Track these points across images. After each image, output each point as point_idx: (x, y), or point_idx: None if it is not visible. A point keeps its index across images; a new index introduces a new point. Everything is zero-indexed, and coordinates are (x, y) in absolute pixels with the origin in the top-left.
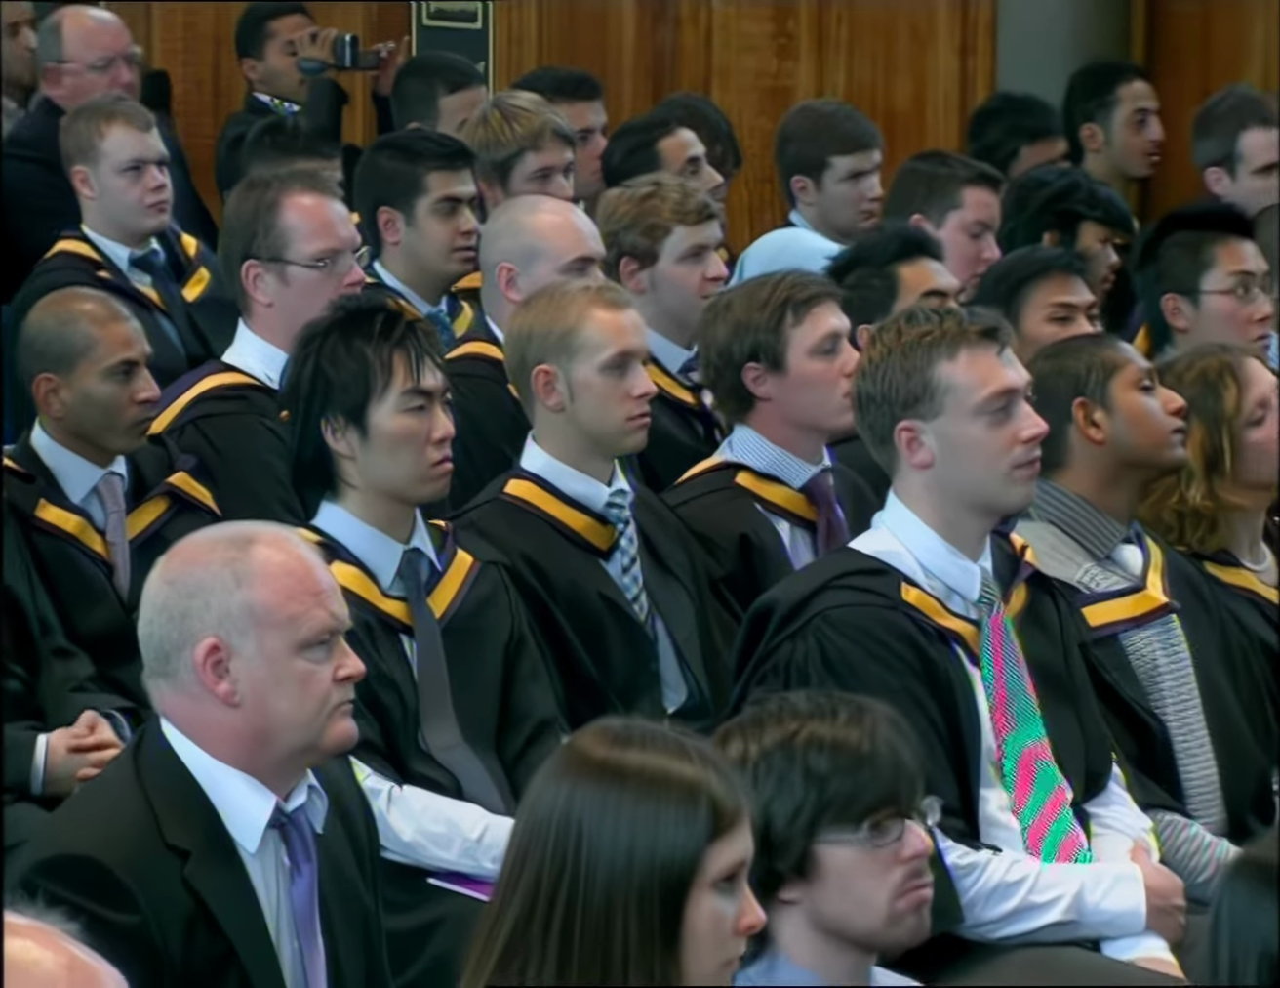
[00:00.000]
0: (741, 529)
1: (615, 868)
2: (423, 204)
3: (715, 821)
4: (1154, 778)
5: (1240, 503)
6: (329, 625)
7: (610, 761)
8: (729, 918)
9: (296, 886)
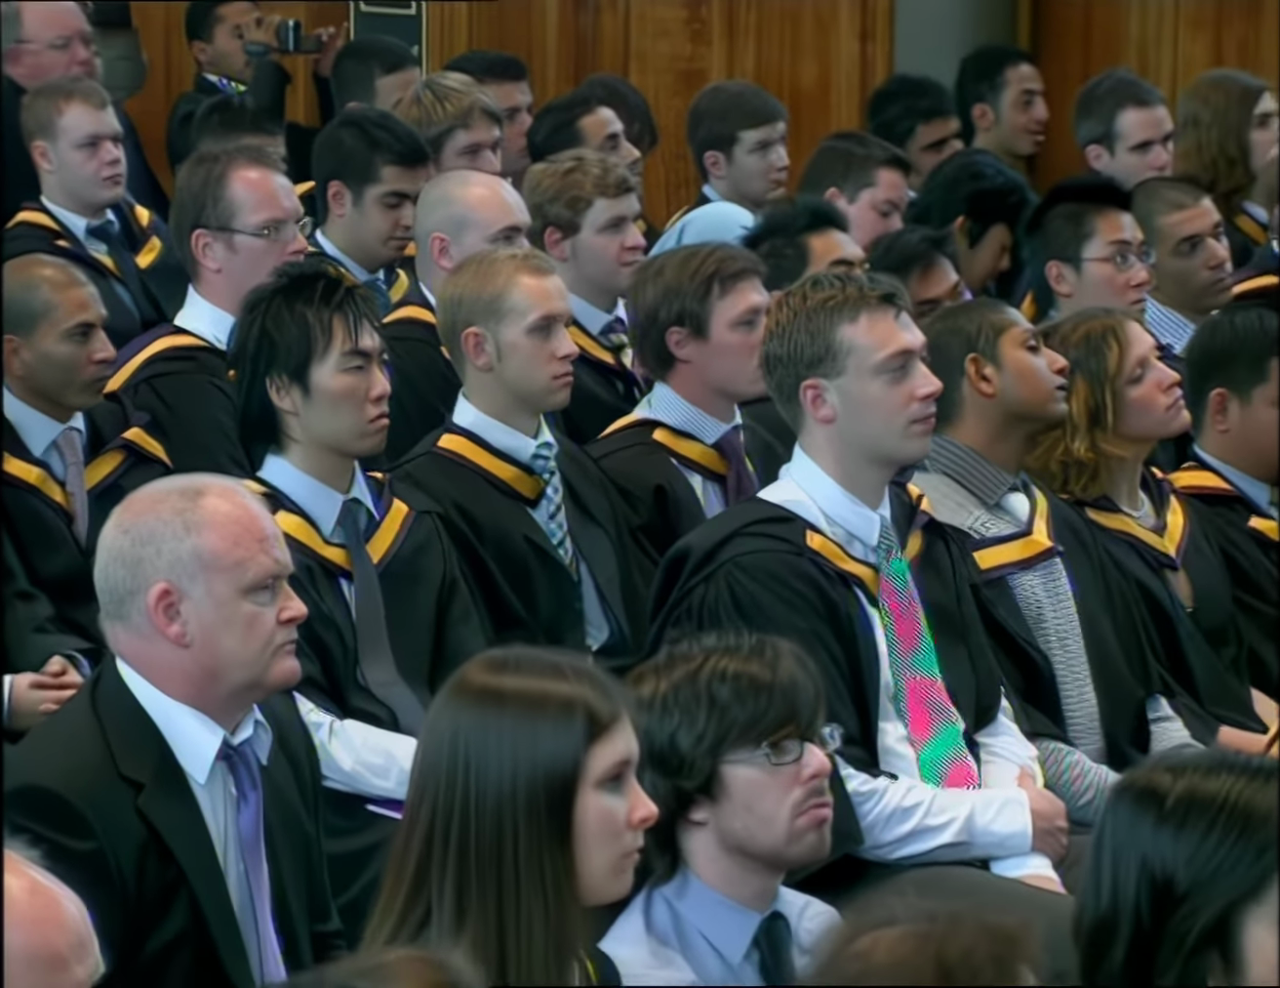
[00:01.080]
0: (658, 481)
1: (502, 782)
2: (372, 192)
3: (592, 725)
4: (1039, 709)
5: (1120, 454)
6: (273, 570)
7: (489, 686)
8: (619, 814)
9: (243, 814)
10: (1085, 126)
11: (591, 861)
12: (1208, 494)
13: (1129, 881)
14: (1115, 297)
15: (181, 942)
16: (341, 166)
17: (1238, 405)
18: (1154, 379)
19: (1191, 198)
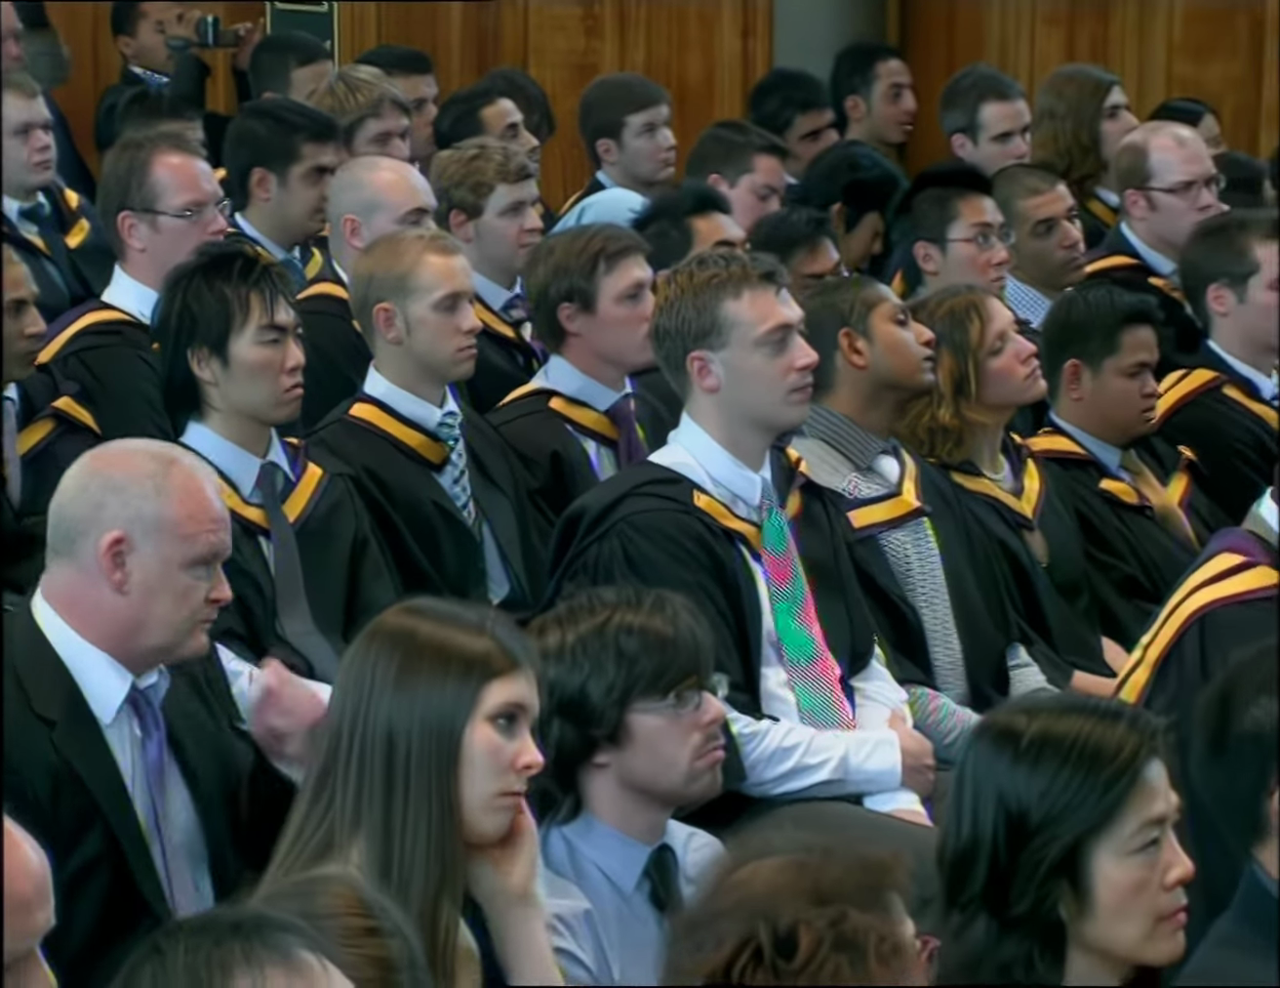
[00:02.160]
0: (554, 446)
1: (400, 713)
2: (296, 170)
3: (491, 664)
4: (908, 657)
5: (983, 421)
6: (216, 550)
7: (402, 629)
8: (506, 751)
9: (148, 750)
10: (950, 117)
11: (473, 788)
12: (1062, 458)
13: (987, 814)
14: (978, 275)
15: (96, 865)
16: (261, 154)
17: (1090, 375)
18: (1013, 351)
19: (1047, 183)
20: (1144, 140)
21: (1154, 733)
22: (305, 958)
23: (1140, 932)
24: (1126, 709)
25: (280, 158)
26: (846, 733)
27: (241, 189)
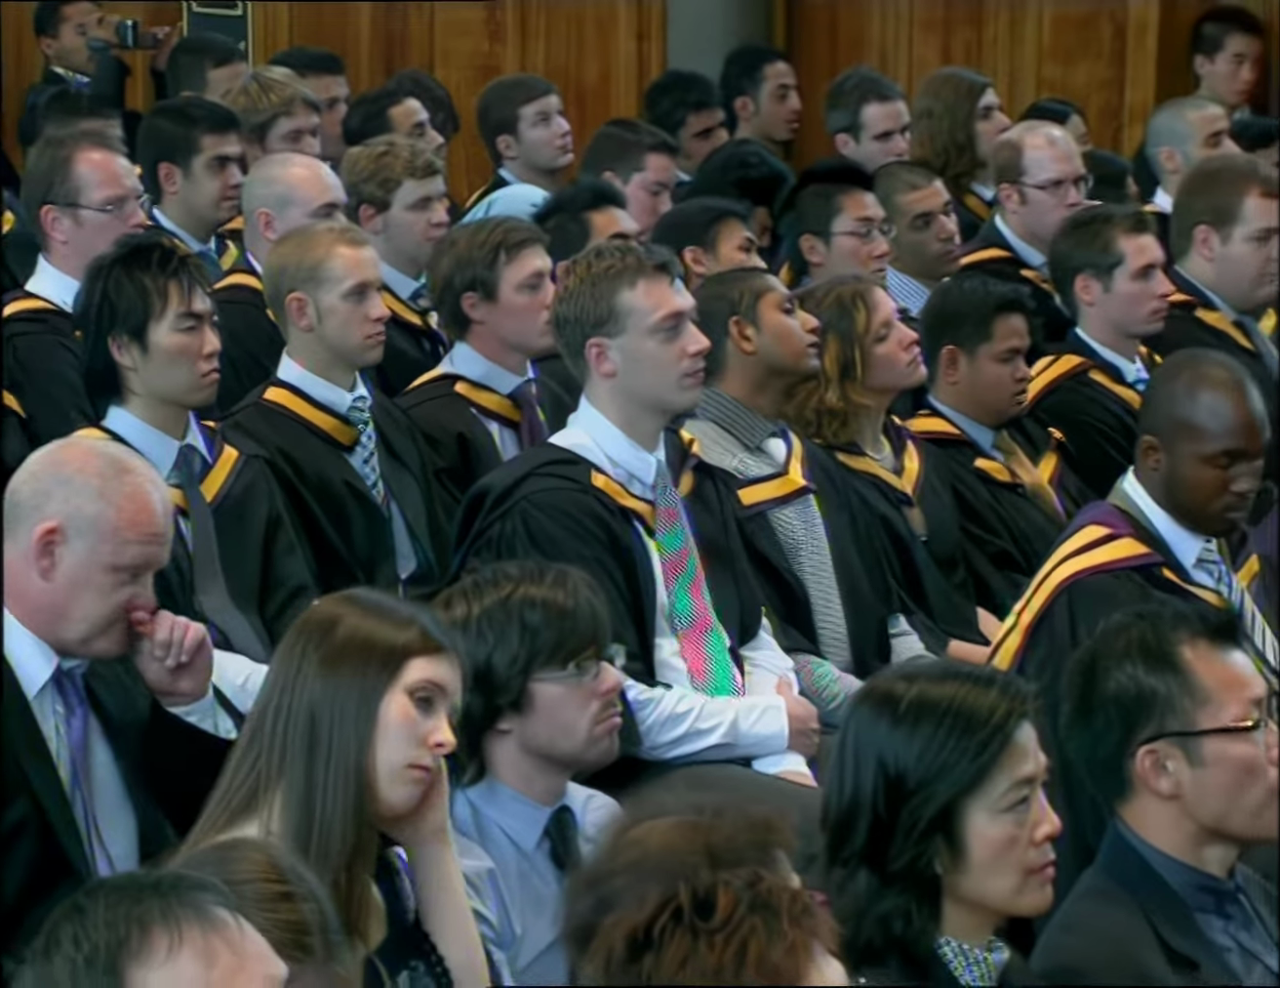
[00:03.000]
0: (459, 428)
1: (324, 686)
2: (198, 161)
3: (416, 643)
4: (795, 627)
5: (867, 404)
6: (148, 561)
7: (329, 616)
8: (420, 727)
9: (72, 725)
10: (834, 117)
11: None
12: (940, 438)
13: (868, 775)
14: (861, 266)
15: (23, 829)
16: (166, 149)
17: (966, 361)
18: (895, 338)
19: (925, 179)
20: (1020, 138)
21: (1024, 698)
22: (221, 916)
23: (1011, 885)
24: (999, 675)
25: (183, 151)
26: (736, 699)
27: (153, 184)
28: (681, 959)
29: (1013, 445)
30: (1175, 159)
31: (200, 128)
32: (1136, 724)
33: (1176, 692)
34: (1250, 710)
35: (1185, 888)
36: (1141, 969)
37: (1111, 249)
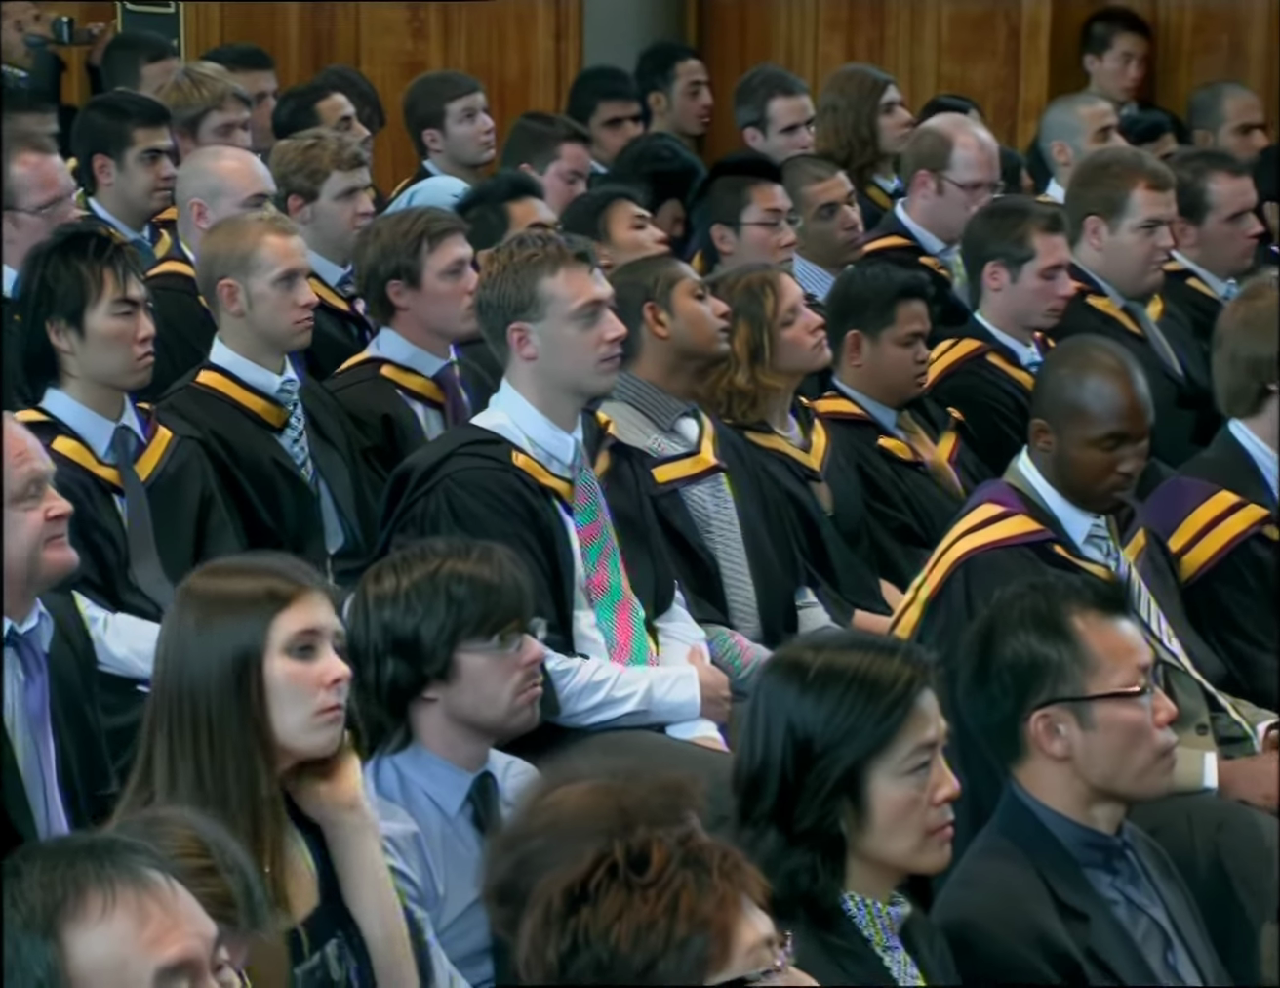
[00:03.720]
0: (385, 410)
1: (198, 666)
2: (131, 154)
3: (273, 602)
4: (707, 600)
5: (775, 385)
6: (31, 477)
7: (194, 590)
8: (309, 675)
9: (29, 692)
10: (743, 112)
11: (287, 718)
12: (845, 418)
13: (777, 740)
14: (769, 254)
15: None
16: (100, 142)
17: (869, 344)
18: (802, 322)
19: (829, 171)
20: (950, 133)
21: (925, 666)
22: (154, 877)
23: (912, 844)
24: (901, 645)
25: (116, 144)
26: (650, 668)
27: (88, 175)
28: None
29: (914, 425)
30: (1067, 152)
31: (132, 122)
32: (1030, 691)
33: (1068, 659)
34: (1137, 677)
35: (1076, 845)
36: (1034, 922)
37: (1025, 243)
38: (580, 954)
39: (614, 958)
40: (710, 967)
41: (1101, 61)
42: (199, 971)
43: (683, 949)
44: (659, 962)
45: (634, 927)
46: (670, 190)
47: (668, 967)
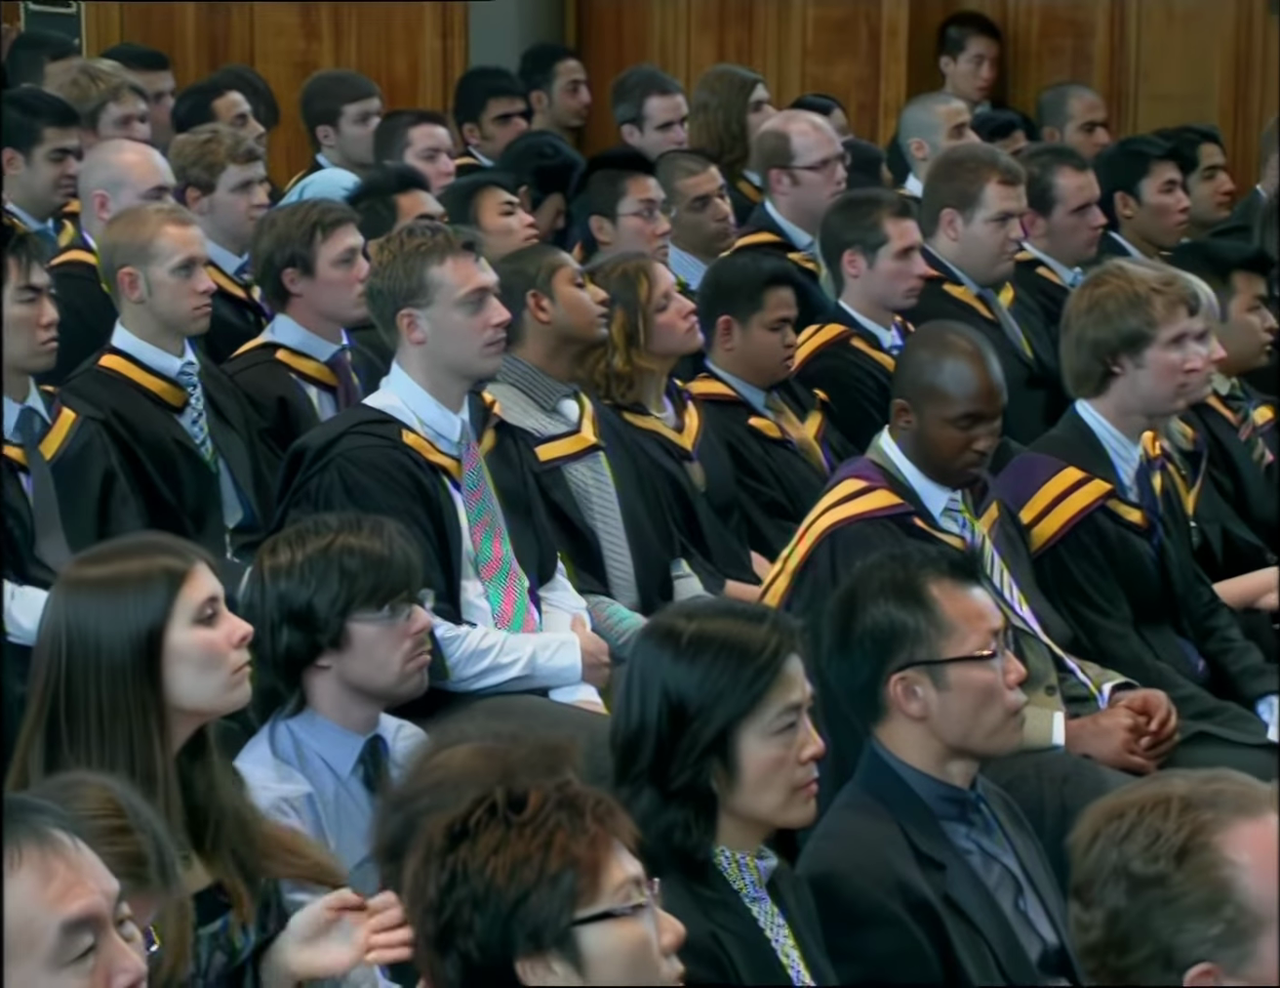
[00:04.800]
0: (281, 392)
1: (91, 647)
2: (39, 151)
3: (173, 574)
4: (588, 571)
5: (651, 368)
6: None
7: (77, 576)
8: (217, 640)
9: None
10: (620, 109)
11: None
12: (717, 399)
13: (653, 703)
14: (644, 244)
15: None
16: (10, 137)
17: (739, 329)
18: (676, 308)
19: (702, 166)
20: (784, 127)
21: (792, 632)
22: (58, 836)
23: (779, 800)
24: (769, 612)
25: (26, 139)
26: (534, 636)
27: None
28: (494, 847)
29: (782, 405)
30: (924, 148)
31: (44, 120)
32: (889, 655)
33: (924, 625)
34: (989, 641)
35: (933, 799)
36: (894, 872)
37: (878, 230)
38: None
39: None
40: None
41: (956, 63)
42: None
43: (554, 884)
44: (531, 895)
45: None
46: (553, 185)
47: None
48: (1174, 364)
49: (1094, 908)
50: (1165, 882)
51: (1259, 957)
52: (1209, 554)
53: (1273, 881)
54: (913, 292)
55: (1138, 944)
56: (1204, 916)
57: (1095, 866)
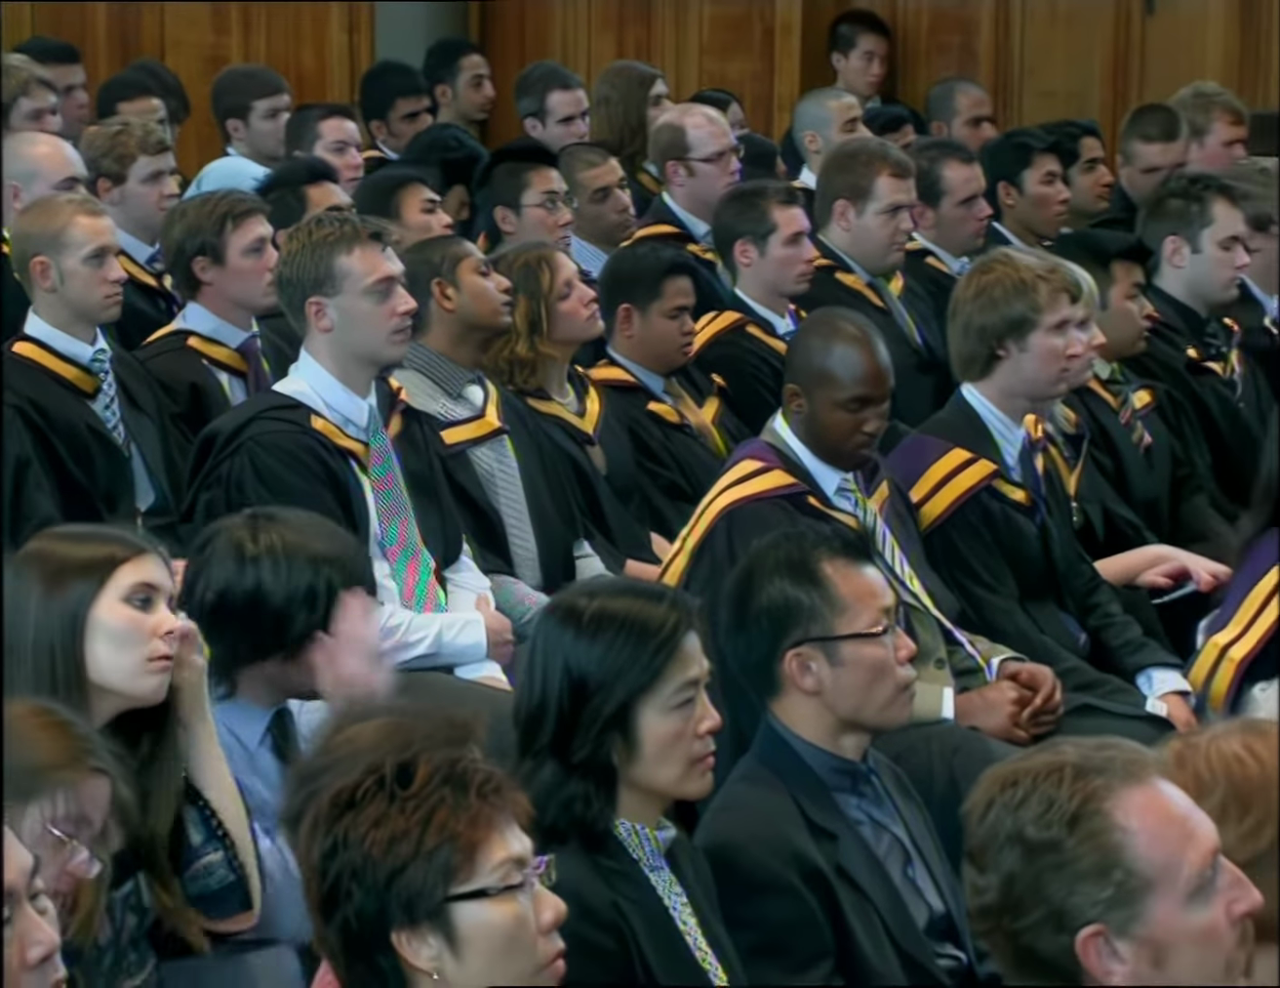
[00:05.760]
0: (192, 378)
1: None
2: None
3: (118, 553)
4: (492, 552)
5: (553, 354)
6: None
7: (33, 553)
8: (145, 623)
9: None
10: (523, 103)
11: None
12: (617, 384)
13: (554, 679)
14: (547, 234)
15: None
16: None
17: (639, 317)
18: (577, 296)
19: (602, 158)
20: (680, 121)
21: (690, 610)
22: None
23: (677, 773)
24: (668, 591)
25: None
26: (440, 615)
27: None
28: (375, 819)
29: (680, 391)
30: (817, 141)
31: None
32: (784, 631)
33: (818, 603)
34: (880, 618)
35: (825, 771)
36: (788, 842)
37: (766, 219)
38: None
39: (367, 862)
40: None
41: (847, 59)
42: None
43: (430, 859)
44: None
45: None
46: (457, 177)
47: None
48: (1056, 349)
49: (989, 872)
50: (1058, 847)
51: (1146, 918)
52: (1090, 533)
53: (1159, 845)
54: (804, 276)
55: (1031, 907)
56: (1095, 879)
57: (991, 831)
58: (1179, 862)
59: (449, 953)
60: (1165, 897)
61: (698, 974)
